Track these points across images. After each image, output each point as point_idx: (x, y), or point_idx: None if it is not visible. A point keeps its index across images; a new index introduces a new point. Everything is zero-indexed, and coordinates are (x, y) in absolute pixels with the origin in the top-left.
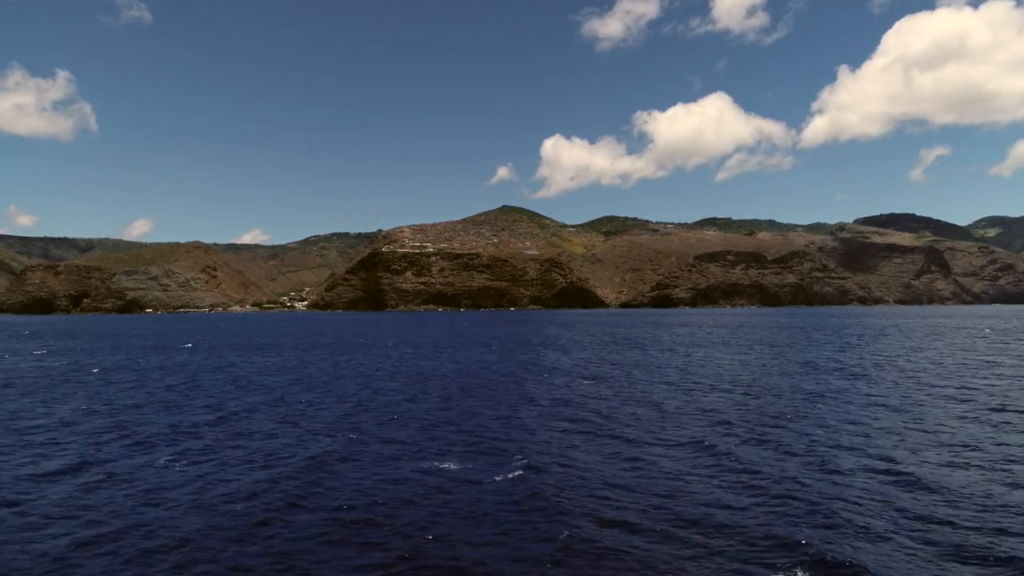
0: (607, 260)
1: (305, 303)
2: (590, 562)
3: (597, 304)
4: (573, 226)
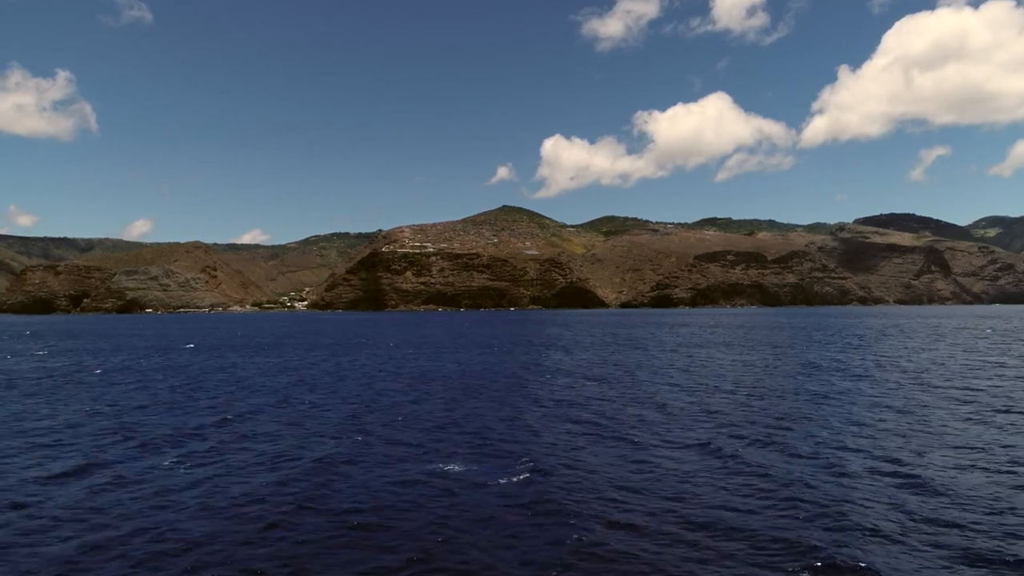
0: (607, 260)
1: (305, 303)
2: (600, 566)
3: (597, 304)
4: (573, 226)
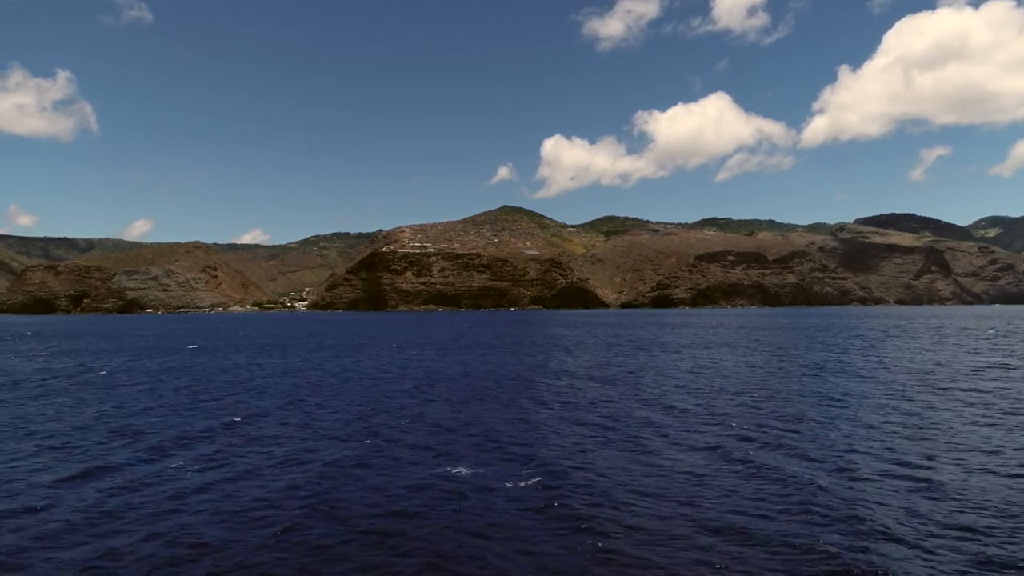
0: (607, 260)
1: (305, 303)
2: (615, 571)
3: (597, 304)
4: (573, 226)
